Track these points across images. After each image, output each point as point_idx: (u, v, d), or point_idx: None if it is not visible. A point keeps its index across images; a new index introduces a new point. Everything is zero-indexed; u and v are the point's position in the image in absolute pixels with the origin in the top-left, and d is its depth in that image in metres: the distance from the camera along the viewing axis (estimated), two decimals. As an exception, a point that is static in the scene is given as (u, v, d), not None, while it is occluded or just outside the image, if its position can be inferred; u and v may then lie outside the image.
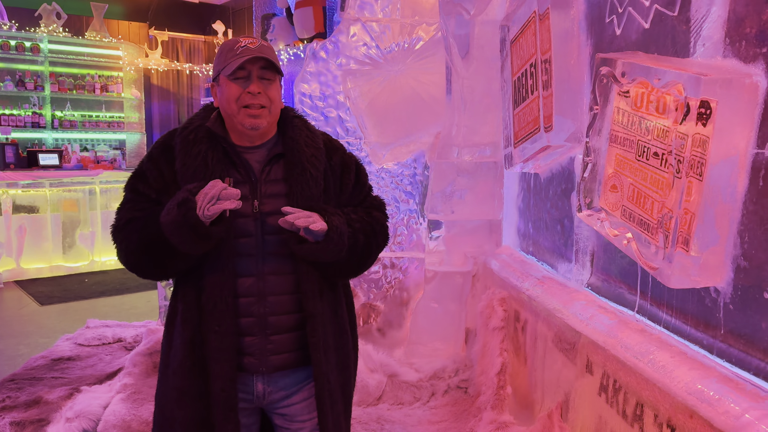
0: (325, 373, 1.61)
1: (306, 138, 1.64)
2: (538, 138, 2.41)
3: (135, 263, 1.59)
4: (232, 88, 1.54)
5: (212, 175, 1.53)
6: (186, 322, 1.58)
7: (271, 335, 1.59)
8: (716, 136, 1.54)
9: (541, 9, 2.40)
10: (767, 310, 1.51)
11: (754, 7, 1.54)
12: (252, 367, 1.60)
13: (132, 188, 1.62)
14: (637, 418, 1.82)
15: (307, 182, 1.58)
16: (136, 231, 1.54)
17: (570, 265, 2.53)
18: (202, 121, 1.62)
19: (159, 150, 1.62)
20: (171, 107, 9.75)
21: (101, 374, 3.25)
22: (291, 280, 1.59)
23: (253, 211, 1.56)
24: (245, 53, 1.52)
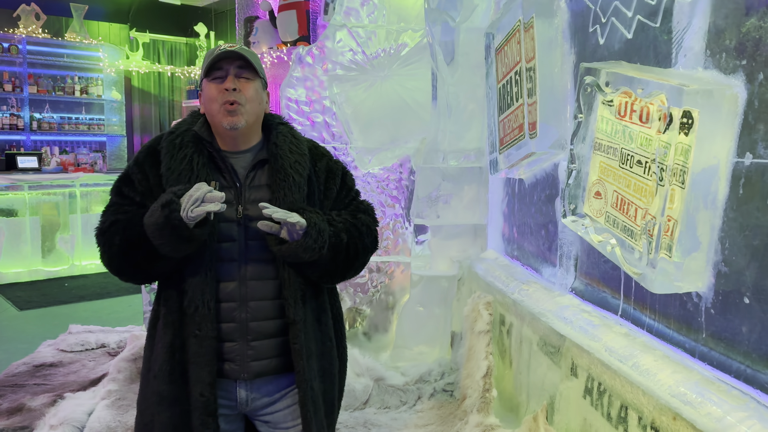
0: (307, 380, 1.61)
1: (290, 144, 1.65)
2: (523, 144, 2.45)
3: (117, 266, 1.59)
4: (210, 88, 1.57)
5: (197, 179, 1.53)
6: (167, 326, 1.57)
7: (252, 341, 1.59)
8: (698, 145, 1.58)
9: (526, 18, 2.44)
10: (747, 315, 1.56)
11: (733, 20, 1.59)
12: (233, 373, 1.60)
13: (117, 191, 1.63)
14: (622, 421, 1.86)
15: (290, 188, 1.59)
16: (119, 233, 1.54)
17: (554, 269, 2.57)
18: (189, 126, 1.63)
19: (144, 154, 1.63)
20: (152, 109, 9.67)
21: (85, 380, 3.22)
22: (273, 286, 1.60)
23: (237, 216, 1.57)
24: (221, 53, 1.56)
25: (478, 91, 3.03)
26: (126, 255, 1.55)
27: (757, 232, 1.52)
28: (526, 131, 2.43)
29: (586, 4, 2.26)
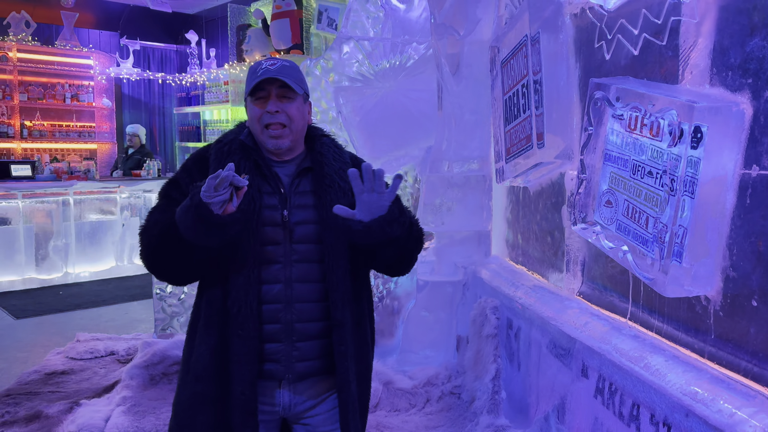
0: (348, 382, 1.65)
1: (334, 153, 1.72)
2: (531, 154, 2.55)
3: (155, 262, 1.63)
4: (254, 108, 1.64)
5: None
6: (210, 327, 1.61)
7: (297, 342, 1.63)
8: (707, 157, 1.68)
9: (532, 33, 2.54)
10: (754, 317, 1.66)
11: (738, 40, 1.70)
12: (277, 374, 1.64)
13: (165, 194, 1.67)
14: (634, 419, 1.95)
15: (336, 193, 1.65)
16: (158, 229, 1.59)
17: (561, 274, 2.67)
18: (236, 135, 1.69)
19: (193, 160, 1.70)
20: (142, 116, 9.68)
21: (98, 387, 3.25)
22: (318, 288, 1.64)
23: (283, 221, 1.63)
24: (263, 75, 1.61)
25: (482, 101, 3.13)
26: (161, 251, 1.58)
27: (763, 238, 1.62)
28: (534, 141, 2.53)
29: (592, 21, 2.37)
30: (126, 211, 7.26)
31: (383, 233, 1.57)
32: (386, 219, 1.57)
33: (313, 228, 1.64)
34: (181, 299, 3.63)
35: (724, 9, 1.74)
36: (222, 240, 1.53)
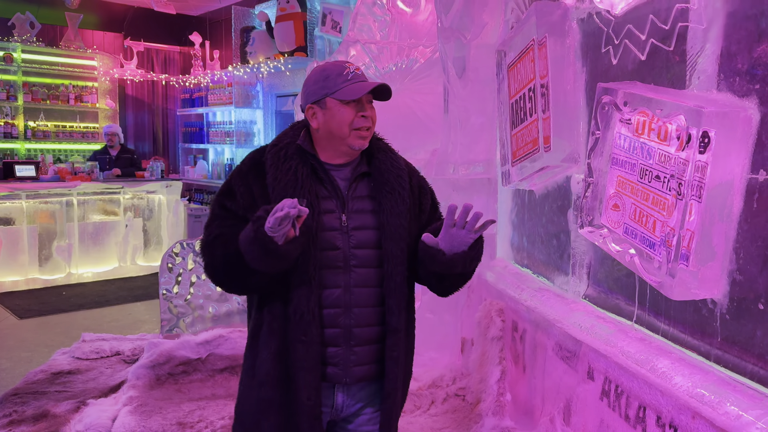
0: (396, 389, 1.67)
1: (391, 159, 1.73)
2: (538, 158, 2.57)
3: (220, 278, 1.64)
4: (346, 111, 1.61)
5: (302, 189, 1.60)
6: (272, 333, 1.63)
7: (355, 346, 1.65)
8: (714, 162, 1.70)
9: (540, 37, 2.56)
10: (761, 320, 1.67)
11: (746, 46, 1.72)
12: (335, 377, 1.66)
13: (220, 205, 1.68)
14: (640, 420, 1.97)
15: (396, 200, 1.66)
16: (221, 246, 1.61)
17: (567, 277, 2.68)
18: (292, 138, 1.69)
19: (249, 166, 1.69)
20: (146, 118, 9.70)
21: (104, 387, 3.27)
22: (376, 293, 1.65)
23: (341, 225, 1.64)
24: (356, 79, 1.62)
25: (487, 105, 3.15)
26: (226, 269, 1.60)
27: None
28: (541, 145, 2.55)
29: (599, 26, 2.38)
30: (129, 212, 7.29)
31: (463, 268, 1.64)
32: (470, 256, 1.63)
33: (372, 233, 1.65)
34: (188, 300, 3.65)
35: (731, 15, 1.76)
36: (288, 264, 1.56)
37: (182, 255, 3.70)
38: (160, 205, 7.49)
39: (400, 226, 1.65)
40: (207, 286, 3.73)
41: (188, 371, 3.28)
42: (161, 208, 7.50)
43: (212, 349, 3.35)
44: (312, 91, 1.65)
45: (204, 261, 1.66)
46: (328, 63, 1.72)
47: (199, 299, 3.69)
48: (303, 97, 1.69)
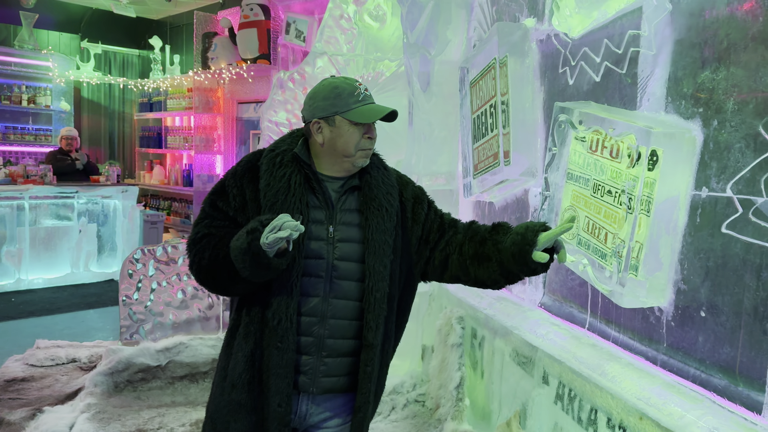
0: (368, 403, 1.68)
1: (382, 175, 1.74)
2: (498, 171, 2.67)
3: (204, 279, 1.65)
4: (354, 133, 1.63)
5: (293, 197, 1.62)
6: (248, 336, 1.63)
7: (326, 357, 1.65)
8: (662, 179, 1.83)
9: (500, 56, 2.68)
10: (702, 327, 1.80)
11: (691, 71, 1.85)
12: (304, 386, 1.66)
13: (211, 204, 1.68)
14: (592, 423, 2.07)
15: (383, 216, 1.68)
16: (210, 248, 1.61)
17: (524, 286, 2.79)
18: (289, 146, 1.71)
19: (244, 168, 1.69)
20: (101, 121, 9.51)
21: (60, 394, 3.20)
22: (354, 307, 1.66)
23: (328, 236, 1.65)
24: (367, 101, 1.65)
25: (450, 119, 3.25)
26: (212, 271, 1.61)
27: (710, 254, 1.77)
28: (501, 159, 2.65)
29: (557, 47, 2.51)
30: (83, 217, 7.12)
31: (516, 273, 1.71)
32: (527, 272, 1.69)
33: (356, 247, 1.66)
34: (148, 306, 3.62)
35: (678, 42, 1.90)
36: (275, 275, 1.58)
37: (143, 261, 3.67)
38: (115, 211, 7.35)
39: (384, 243, 1.67)
40: (167, 293, 3.71)
41: (147, 378, 3.25)
42: (116, 214, 7.35)
43: (172, 356, 3.33)
44: (320, 106, 1.65)
45: (189, 258, 1.67)
46: (337, 79, 1.72)
47: (160, 306, 3.66)
48: (308, 110, 1.69)
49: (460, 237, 1.80)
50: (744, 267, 1.66)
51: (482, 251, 1.75)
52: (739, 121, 1.67)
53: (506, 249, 1.70)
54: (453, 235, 1.81)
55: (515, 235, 1.69)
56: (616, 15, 2.12)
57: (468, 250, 1.77)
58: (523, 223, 1.73)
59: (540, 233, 1.65)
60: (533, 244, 1.64)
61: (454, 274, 1.81)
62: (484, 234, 1.79)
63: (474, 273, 1.77)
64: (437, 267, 1.80)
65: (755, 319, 1.63)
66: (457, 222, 1.87)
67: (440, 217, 1.85)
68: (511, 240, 1.69)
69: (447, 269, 1.80)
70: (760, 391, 1.59)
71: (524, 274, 1.71)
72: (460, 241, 1.80)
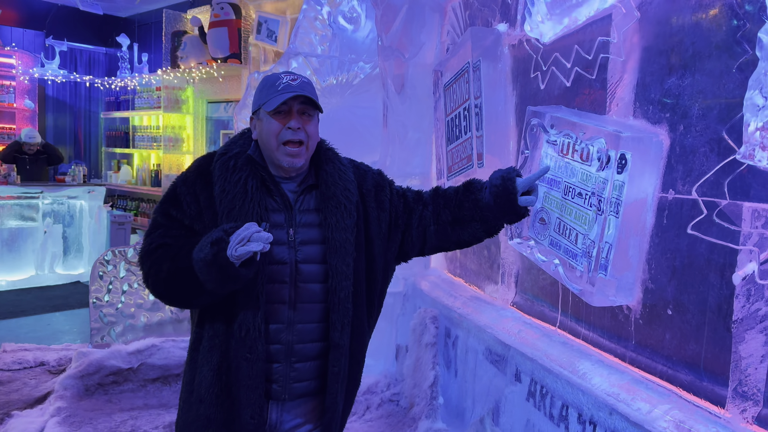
0: (336, 403, 1.65)
1: (339, 171, 1.68)
2: (471, 173, 2.72)
3: (163, 292, 1.58)
4: (272, 123, 1.56)
5: (251, 202, 1.56)
6: (213, 349, 1.58)
7: (296, 363, 1.61)
8: (630, 182, 1.89)
9: (474, 60, 2.72)
10: (669, 324, 1.87)
11: (658, 77, 1.92)
12: (275, 395, 1.62)
13: (164, 213, 1.61)
14: (563, 419, 2.13)
15: (341, 214, 1.63)
16: (168, 259, 1.54)
17: (496, 286, 2.84)
18: (242, 148, 1.63)
19: (195, 174, 1.63)
20: (67, 120, 9.32)
21: (29, 398, 3.14)
22: (320, 309, 1.62)
23: (288, 239, 1.59)
24: (286, 90, 1.55)
25: (424, 121, 3.29)
26: (172, 284, 1.54)
27: (676, 254, 1.84)
28: (474, 161, 2.70)
29: (529, 53, 2.57)
30: (48, 218, 6.97)
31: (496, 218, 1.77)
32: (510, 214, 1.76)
33: (318, 248, 1.62)
34: (119, 308, 3.57)
35: (646, 50, 1.97)
36: (243, 284, 1.52)
37: (113, 263, 3.62)
38: (81, 212, 7.21)
39: (345, 241, 1.62)
40: (139, 294, 3.66)
41: (119, 381, 3.21)
42: (83, 215, 7.21)
43: (144, 358, 3.29)
44: (254, 102, 1.62)
45: (143, 270, 1.59)
46: (269, 74, 1.69)
47: (131, 308, 3.62)
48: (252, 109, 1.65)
49: (432, 208, 1.81)
50: (708, 266, 1.73)
51: (461, 215, 1.78)
52: (704, 126, 1.74)
53: (490, 205, 1.74)
54: (423, 209, 1.80)
55: (494, 188, 1.73)
56: (587, 22, 2.18)
57: (446, 218, 1.79)
58: (494, 174, 1.76)
59: (515, 179, 1.72)
60: (515, 191, 1.70)
61: (434, 245, 1.82)
62: (458, 197, 1.80)
63: (457, 236, 1.80)
64: (415, 244, 1.80)
65: (719, 317, 1.70)
66: (422, 194, 1.85)
67: (403, 197, 1.82)
68: (492, 194, 1.73)
69: (426, 242, 1.81)
70: (724, 385, 1.66)
71: (510, 221, 1.78)
72: (433, 212, 1.80)
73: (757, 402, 1.57)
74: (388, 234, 1.77)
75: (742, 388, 1.60)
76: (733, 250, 1.60)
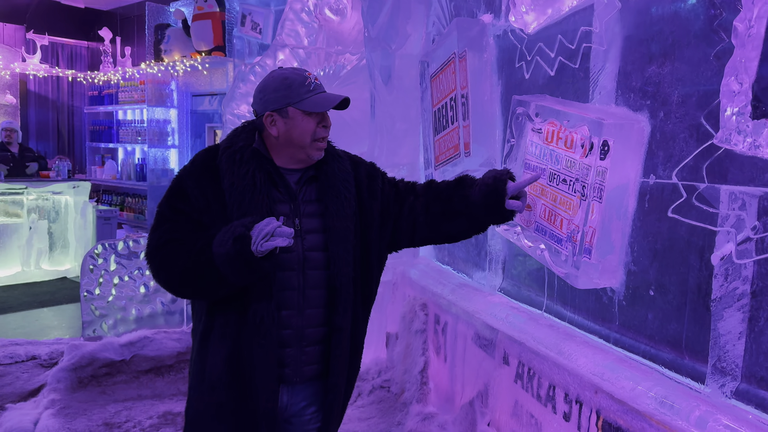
0: (338, 386, 1.72)
1: (337, 163, 1.76)
2: (459, 162, 2.77)
3: (178, 286, 1.63)
4: (308, 122, 1.64)
5: (259, 194, 1.62)
6: (224, 337, 1.63)
7: (306, 347, 1.68)
8: (613, 167, 1.95)
9: (460, 50, 2.77)
10: (651, 305, 1.94)
11: (639, 65, 1.98)
12: (288, 378, 1.68)
13: (171, 207, 1.65)
14: (550, 399, 2.20)
15: (341, 203, 1.71)
16: (181, 254, 1.58)
17: (484, 272, 2.90)
18: (246, 141, 1.68)
19: (201, 167, 1.67)
20: (50, 115, 9.23)
21: (23, 392, 3.16)
22: (325, 294, 1.69)
23: (295, 228, 1.65)
24: (318, 89, 1.66)
25: (411, 111, 3.33)
26: (190, 278, 1.59)
27: (657, 237, 1.90)
28: (462, 150, 2.75)
29: (513, 42, 2.61)
30: (33, 214, 6.93)
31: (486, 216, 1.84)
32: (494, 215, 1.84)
33: (320, 236, 1.69)
34: (110, 301, 3.59)
35: (627, 39, 2.02)
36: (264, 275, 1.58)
37: (104, 256, 3.63)
38: (66, 207, 7.17)
39: (345, 229, 1.70)
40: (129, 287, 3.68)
41: (112, 373, 3.23)
42: (68, 210, 7.18)
43: (137, 350, 3.32)
44: (272, 98, 1.65)
45: (153, 266, 1.63)
46: (286, 70, 1.73)
47: (122, 301, 3.64)
48: (260, 103, 1.68)
49: (423, 200, 1.87)
50: (688, 248, 1.80)
51: (450, 208, 1.84)
52: (683, 113, 1.80)
53: (477, 202, 1.80)
54: (414, 200, 1.87)
55: (484, 186, 1.79)
56: (569, 12, 2.23)
57: (435, 210, 1.85)
58: (488, 173, 1.83)
59: (507, 181, 1.78)
60: (504, 194, 1.77)
61: (424, 236, 1.89)
62: (448, 191, 1.87)
63: (446, 229, 1.87)
64: (405, 233, 1.87)
65: (699, 297, 1.76)
66: (415, 185, 1.92)
67: (395, 186, 1.90)
68: (482, 192, 1.79)
69: (416, 232, 1.87)
70: (704, 362, 1.73)
71: (495, 222, 1.86)
72: (424, 203, 1.86)
73: (735, 377, 1.64)
74: (381, 222, 1.83)
75: (720, 364, 1.67)
76: (712, 231, 1.66)
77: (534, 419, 2.28)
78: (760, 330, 1.59)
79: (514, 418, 2.40)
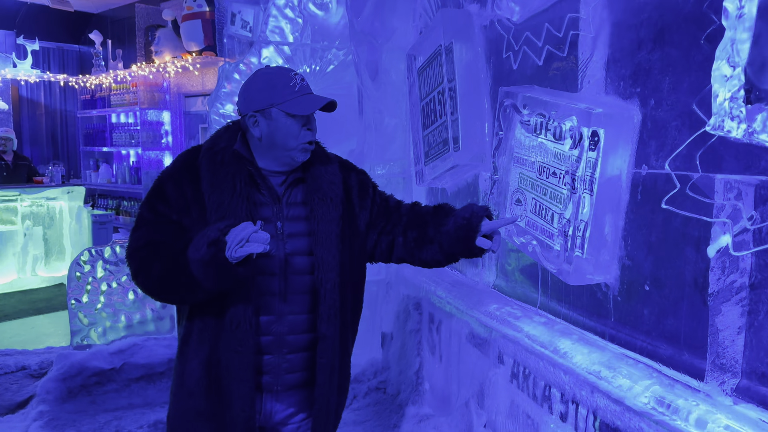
0: (327, 395, 1.67)
1: (325, 165, 1.71)
2: (448, 157, 2.70)
3: (154, 290, 1.59)
4: (292, 124, 1.58)
5: (239, 196, 1.57)
6: (202, 342, 1.59)
7: (288, 354, 1.63)
8: (603, 158, 1.88)
9: (446, 42, 2.69)
10: (647, 300, 1.87)
11: (628, 53, 1.90)
12: (267, 386, 1.64)
13: (150, 208, 1.61)
14: (546, 399, 2.13)
15: (328, 207, 1.66)
16: (159, 257, 1.55)
17: (477, 269, 2.83)
18: (228, 142, 1.64)
19: (181, 168, 1.63)
20: (43, 120, 9.17)
21: (11, 404, 3.10)
22: (308, 300, 1.64)
23: (277, 232, 1.61)
24: (303, 90, 1.59)
25: (400, 106, 3.26)
26: (166, 282, 1.56)
27: (652, 230, 1.83)
28: (450, 145, 2.68)
29: (500, 33, 2.54)
30: (28, 221, 6.88)
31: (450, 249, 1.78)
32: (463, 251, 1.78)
33: (305, 240, 1.64)
34: (98, 309, 3.53)
35: (615, 25, 1.95)
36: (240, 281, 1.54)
37: (91, 263, 3.57)
38: (61, 213, 7.11)
39: (331, 233, 1.65)
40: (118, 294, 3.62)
41: (102, 382, 3.17)
42: (63, 216, 7.12)
43: (127, 358, 3.26)
44: (255, 99, 1.60)
45: (132, 268, 1.60)
46: (271, 69, 1.68)
47: (111, 308, 3.58)
48: (243, 103, 1.63)
49: (405, 220, 1.83)
50: (684, 240, 1.73)
51: (424, 235, 1.79)
52: (675, 100, 1.72)
53: (449, 232, 1.74)
54: (398, 219, 1.84)
55: (460, 219, 1.73)
56: (556, -2, 2.15)
57: (411, 234, 1.81)
58: (467, 207, 1.77)
59: (483, 219, 1.70)
60: (477, 230, 1.70)
61: (400, 256, 1.86)
62: (425, 217, 1.83)
63: (418, 255, 1.82)
64: (384, 250, 1.83)
65: (695, 290, 1.69)
66: (401, 204, 1.89)
67: (385, 201, 1.86)
68: (456, 224, 1.73)
69: (393, 251, 1.84)
70: (702, 358, 1.66)
71: (464, 256, 1.79)
72: (404, 224, 1.83)
73: (736, 374, 1.58)
74: (366, 233, 1.80)
75: (720, 361, 1.60)
76: (708, 223, 1.60)
77: (530, 420, 2.21)
78: (760, 324, 1.52)
79: (510, 419, 2.33)
